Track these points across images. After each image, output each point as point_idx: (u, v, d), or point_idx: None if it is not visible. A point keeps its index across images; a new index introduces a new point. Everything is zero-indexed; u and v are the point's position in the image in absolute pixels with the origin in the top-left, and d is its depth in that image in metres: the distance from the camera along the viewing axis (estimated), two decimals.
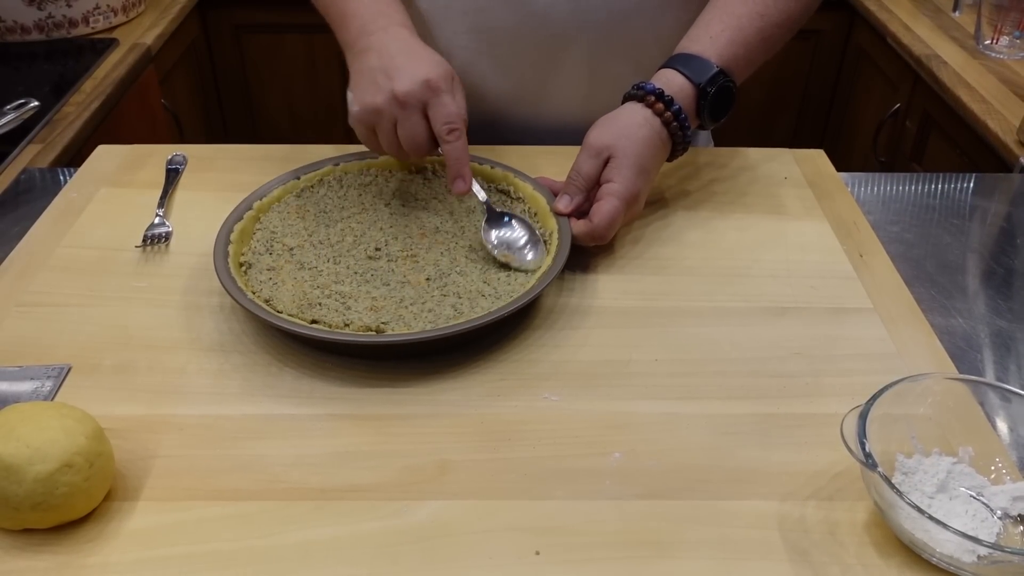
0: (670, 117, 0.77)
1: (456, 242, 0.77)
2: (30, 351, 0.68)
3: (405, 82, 0.74)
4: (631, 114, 0.77)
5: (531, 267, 0.73)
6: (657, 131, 0.77)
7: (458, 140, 0.75)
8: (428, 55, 0.78)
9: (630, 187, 0.75)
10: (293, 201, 0.80)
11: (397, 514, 0.55)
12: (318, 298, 0.69)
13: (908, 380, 0.57)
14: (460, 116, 0.75)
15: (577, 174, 0.77)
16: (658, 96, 0.77)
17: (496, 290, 0.71)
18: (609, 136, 0.76)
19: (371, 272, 0.73)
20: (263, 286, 0.71)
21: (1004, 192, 0.95)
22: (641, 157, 0.76)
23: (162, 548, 0.53)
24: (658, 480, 0.58)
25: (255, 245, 0.75)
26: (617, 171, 0.75)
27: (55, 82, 1.34)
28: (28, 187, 0.93)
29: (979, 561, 0.50)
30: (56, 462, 0.51)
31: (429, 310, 0.69)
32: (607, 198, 0.75)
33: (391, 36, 0.79)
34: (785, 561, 0.53)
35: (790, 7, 0.83)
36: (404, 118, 0.75)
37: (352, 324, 0.67)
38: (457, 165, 0.75)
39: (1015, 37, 1.47)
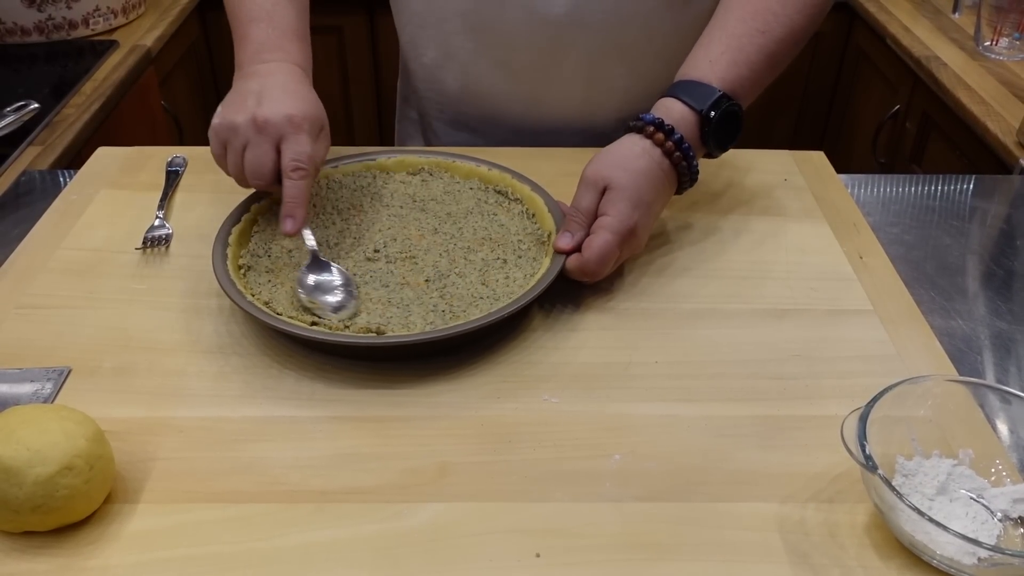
0: (671, 147, 0.73)
1: (454, 243, 0.77)
2: (30, 353, 0.68)
3: (269, 110, 0.73)
4: (629, 145, 0.74)
5: (333, 319, 0.68)
6: (657, 162, 0.73)
7: (300, 180, 0.72)
8: (305, 96, 0.76)
9: (625, 220, 0.71)
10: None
11: (397, 516, 0.55)
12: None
13: (908, 382, 0.57)
14: (311, 158, 0.73)
15: (576, 210, 0.73)
16: (657, 126, 0.74)
17: (494, 292, 0.71)
18: (605, 168, 0.73)
19: (370, 274, 0.73)
20: (262, 288, 0.71)
21: (1004, 194, 0.95)
22: (638, 189, 0.72)
23: (162, 551, 0.53)
24: (658, 482, 0.58)
25: (253, 247, 0.75)
26: (612, 204, 0.72)
27: (55, 84, 1.34)
28: (28, 189, 0.93)
29: (979, 563, 0.50)
30: (56, 465, 0.51)
31: (429, 311, 0.69)
32: (599, 232, 0.71)
33: (280, 70, 0.78)
34: (785, 563, 0.53)
35: (793, 21, 0.79)
36: (255, 144, 0.73)
37: (352, 326, 0.67)
38: (292, 204, 0.72)
39: (1015, 38, 1.47)
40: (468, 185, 0.84)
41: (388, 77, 2.00)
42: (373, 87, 2.02)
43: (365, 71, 1.99)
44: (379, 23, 1.93)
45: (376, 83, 2.02)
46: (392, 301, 0.70)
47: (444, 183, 0.84)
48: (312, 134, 0.74)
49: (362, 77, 1.99)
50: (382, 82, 2.01)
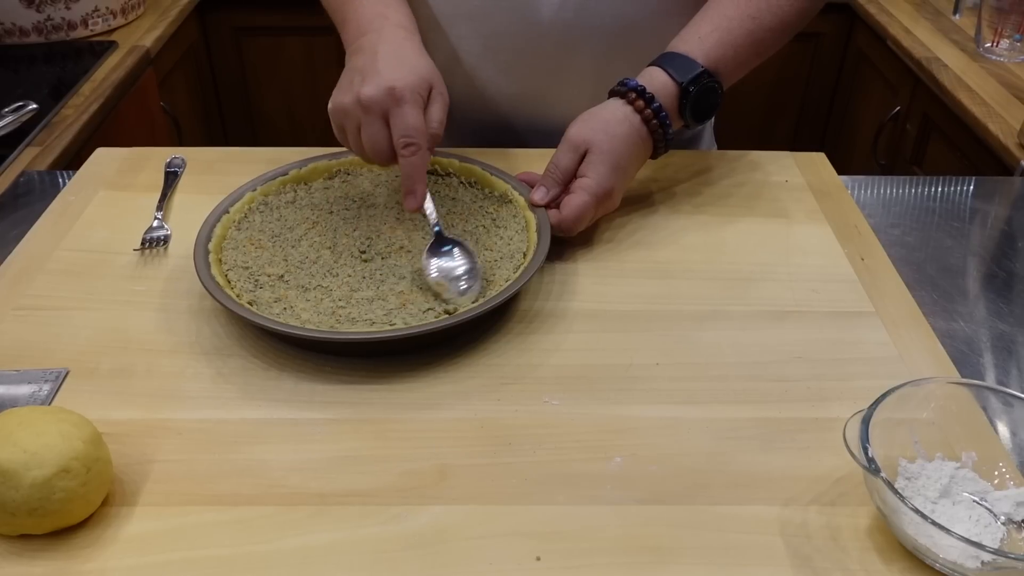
0: (650, 115, 0.77)
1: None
2: (28, 355, 0.67)
3: (371, 87, 0.72)
4: (612, 110, 0.78)
5: (461, 302, 0.69)
6: (636, 128, 0.77)
7: (413, 155, 0.72)
8: (412, 60, 0.75)
9: (603, 183, 0.76)
10: (238, 235, 0.77)
11: (397, 519, 0.55)
12: (348, 312, 0.68)
13: (910, 384, 0.57)
14: (418, 130, 0.72)
15: (555, 167, 0.77)
16: (639, 93, 0.77)
17: (503, 251, 0.75)
18: (588, 131, 0.77)
19: (379, 272, 0.73)
20: (281, 316, 0.68)
21: (1005, 195, 0.95)
22: (617, 154, 0.76)
23: (160, 554, 0.53)
24: (659, 485, 0.58)
25: (243, 284, 0.72)
26: (591, 166, 0.76)
27: (54, 85, 1.34)
28: (26, 190, 0.93)
29: (983, 567, 0.49)
30: (53, 467, 0.51)
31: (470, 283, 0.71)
32: (578, 192, 0.76)
33: (383, 38, 0.77)
34: (787, 567, 0.53)
35: (784, 11, 0.82)
36: (367, 123, 0.73)
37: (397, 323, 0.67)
38: (410, 181, 0.72)
39: (1015, 40, 1.47)
40: (393, 174, 0.85)
41: None
42: None
43: None
44: None
45: None
46: (420, 290, 0.71)
47: (369, 178, 0.85)
48: (415, 103, 0.72)
49: None
50: None
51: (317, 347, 0.67)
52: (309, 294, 0.71)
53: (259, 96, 2.01)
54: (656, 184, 0.90)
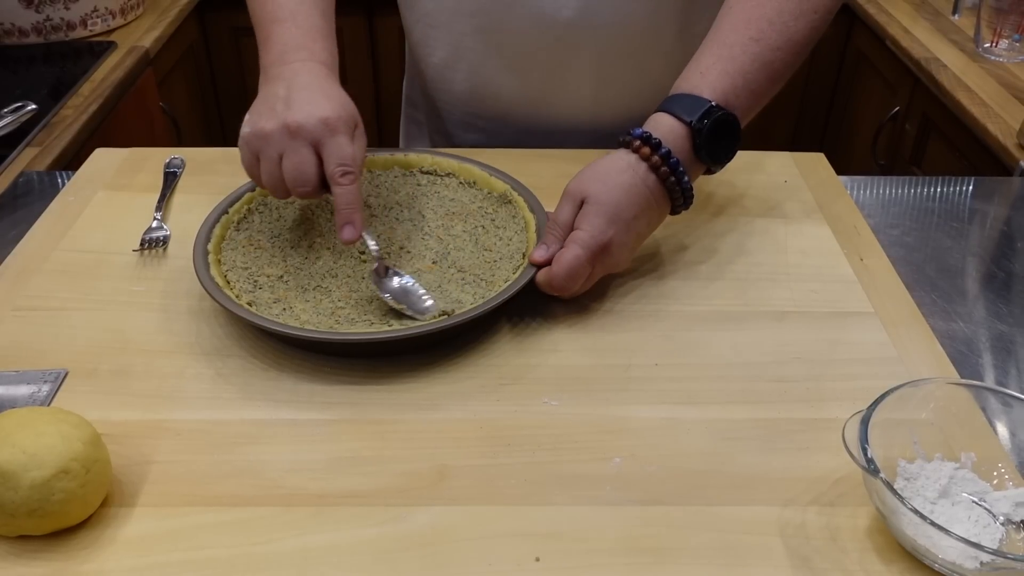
0: (658, 161, 0.70)
1: (425, 225, 0.78)
2: (27, 355, 0.67)
3: (301, 114, 0.70)
4: (614, 160, 0.72)
5: (426, 314, 0.68)
6: (642, 178, 0.70)
7: (351, 184, 0.70)
8: (336, 95, 0.73)
9: (597, 236, 0.69)
10: (237, 235, 0.77)
11: (396, 520, 0.55)
12: (347, 312, 0.69)
13: (909, 385, 0.57)
14: (355, 160, 0.70)
15: (554, 223, 0.72)
16: (644, 140, 0.71)
17: (502, 252, 0.75)
18: (585, 181, 0.71)
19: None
20: (280, 316, 0.68)
21: (1004, 195, 0.95)
22: (615, 204, 0.69)
23: (159, 555, 0.53)
24: (658, 486, 0.58)
25: (242, 284, 0.72)
26: (585, 218, 0.69)
27: (53, 85, 1.34)
28: (25, 190, 0.93)
29: (982, 567, 0.49)
30: (52, 468, 0.51)
31: (466, 285, 0.71)
32: (570, 246, 0.69)
33: (305, 70, 0.75)
34: (787, 567, 0.53)
35: (790, 29, 0.75)
36: (292, 149, 0.70)
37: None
38: (349, 211, 0.69)
39: (1014, 40, 1.47)
40: (392, 175, 0.85)
41: (387, 79, 2.00)
42: (372, 89, 2.02)
43: (364, 73, 1.99)
44: (378, 25, 1.93)
45: (375, 85, 2.02)
46: (428, 287, 0.71)
47: (367, 179, 0.85)
48: (348, 134, 0.71)
49: (361, 79, 1.99)
50: (381, 84, 2.01)
51: (316, 348, 0.67)
52: (308, 295, 0.71)
53: None
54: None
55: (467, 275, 0.73)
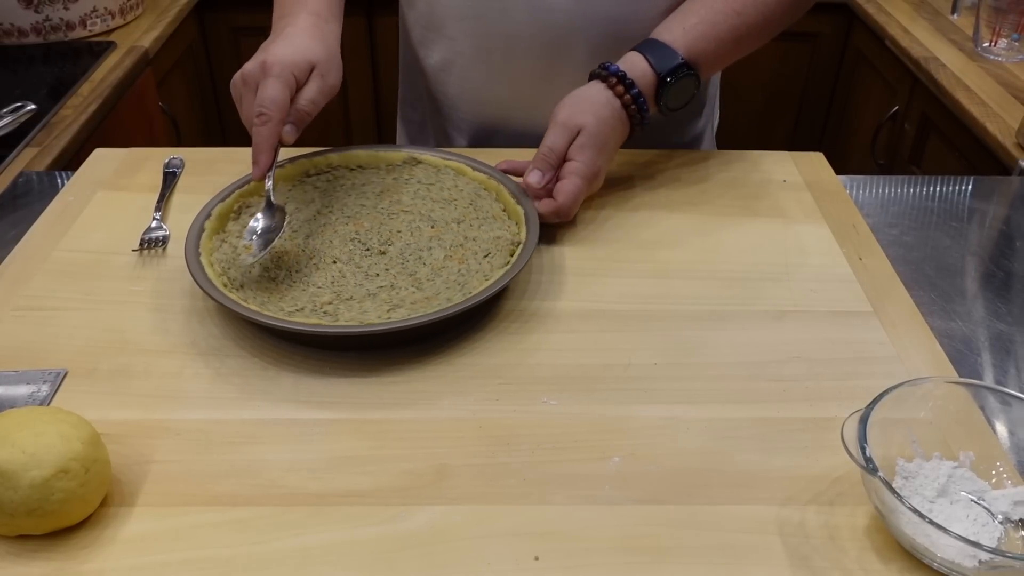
0: (629, 100, 0.79)
1: (423, 213, 0.79)
2: (26, 355, 0.67)
3: (251, 63, 0.77)
4: (596, 93, 0.80)
5: (259, 258, 0.72)
6: (617, 112, 0.80)
7: (263, 125, 0.73)
8: (301, 41, 0.78)
9: (591, 166, 0.78)
10: (234, 227, 0.78)
11: (395, 519, 0.55)
12: (336, 307, 0.69)
13: (908, 384, 0.57)
14: (274, 101, 0.73)
15: (550, 150, 0.78)
16: (620, 78, 0.79)
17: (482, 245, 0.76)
18: (579, 113, 0.79)
19: (372, 267, 0.73)
20: (268, 309, 0.69)
21: (1003, 195, 0.95)
22: (603, 136, 0.78)
23: (158, 554, 0.53)
24: (657, 485, 0.58)
25: (220, 258, 0.73)
26: (580, 150, 0.78)
27: (52, 85, 1.34)
28: (25, 190, 0.93)
29: (980, 566, 0.49)
30: (52, 468, 0.51)
31: (448, 283, 0.71)
32: (570, 177, 0.77)
33: (294, 22, 0.81)
34: (785, 566, 0.53)
35: (770, 9, 0.84)
36: (246, 95, 0.77)
37: (393, 314, 0.68)
38: (256, 151, 0.74)
39: (1013, 39, 1.47)
40: (382, 169, 0.86)
41: (387, 78, 2.00)
42: (371, 88, 2.02)
43: (363, 72, 1.99)
44: (377, 24, 1.93)
45: (375, 84, 2.02)
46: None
47: (360, 176, 0.85)
48: (281, 77, 0.74)
49: (361, 79, 1.99)
50: (380, 83, 2.01)
51: (308, 341, 0.67)
52: (298, 288, 0.71)
53: None
54: (654, 183, 0.90)
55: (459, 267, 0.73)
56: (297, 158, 0.84)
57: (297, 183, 0.84)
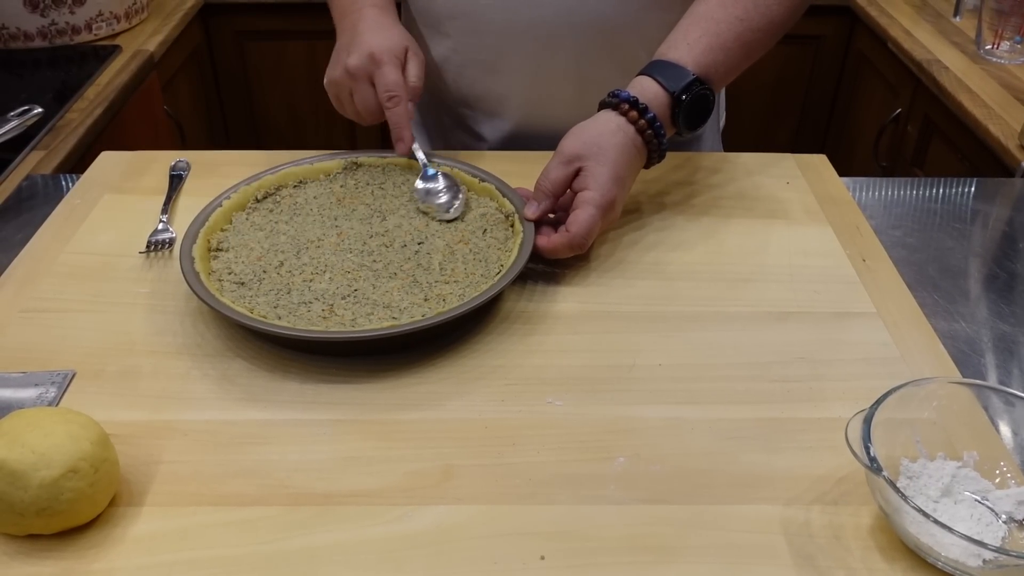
0: (644, 125, 0.76)
1: (394, 209, 0.81)
2: (34, 357, 0.68)
3: (354, 57, 0.83)
4: (605, 122, 0.77)
5: (447, 216, 0.78)
6: (631, 139, 0.76)
7: (396, 106, 0.82)
8: (385, 31, 0.85)
9: (606, 195, 0.74)
10: (234, 234, 0.78)
11: (401, 519, 0.55)
12: (338, 316, 0.69)
13: (912, 384, 0.57)
14: (398, 84, 0.82)
15: (545, 179, 0.76)
16: (632, 104, 0.76)
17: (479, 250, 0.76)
18: (581, 144, 0.76)
19: (371, 271, 0.73)
20: (238, 298, 0.70)
21: (1006, 196, 0.96)
22: (616, 164, 0.75)
23: (167, 554, 0.53)
24: (662, 485, 0.58)
25: (217, 267, 0.74)
26: (592, 179, 0.74)
27: (58, 89, 1.35)
28: (31, 194, 0.93)
29: (984, 565, 0.49)
30: (61, 468, 0.51)
31: (442, 294, 0.71)
32: (583, 206, 0.74)
33: (361, 16, 0.87)
34: (790, 566, 0.53)
35: (772, 12, 0.81)
36: (357, 89, 0.84)
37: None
38: (397, 129, 0.83)
39: (1016, 42, 1.48)
40: (375, 175, 0.86)
41: None
42: None
43: None
44: None
45: None
46: (447, 271, 0.73)
47: (339, 182, 0.85)
48: (393, 63, 0.83)
49: None
50: None
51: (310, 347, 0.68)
52: (297, 294, 0.71)
53: (262, 99, 2.01)
54: (659, 185, 0.90)
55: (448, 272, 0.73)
56: (238, 186, 0.82)
57: (250, 210, 0.81)
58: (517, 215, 0.76)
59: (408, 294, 0.70)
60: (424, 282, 0.71)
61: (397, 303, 0.69)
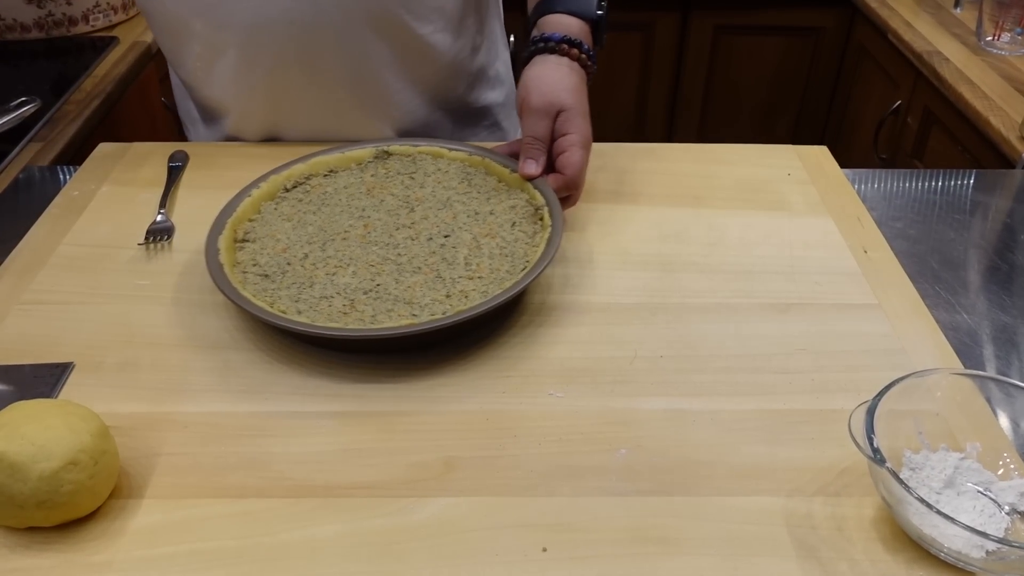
0: (585, 58, 0.81)
1: (422, 201, 0.80)
2: (33, 349, 0.67)
3: None
4: (556, 67, 0.80)
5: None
6: (579, 73, 0.81)
7: None
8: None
9: (586, 133, 0.79)
10: (273, 212, 0.78)
11: (403, 511, 0.55)
12: (357, 313, 0.68)
13: (914, 376, 0.57)
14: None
15: (534, 139, 0.79)
16: (569, 42, 0.81)
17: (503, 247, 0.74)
18: (551, 94, 0.79)
19: (390, 268, 0.72)
20: (259, 291, 0.69)
21: (1006, 188, 0.95)
22: (581, 102, 0.80)
23: (167, 546, 0.53)
24: (664, 476, 0.58)
25: (243, 258, 0.73)
26: (571, 123, 0.78)
27: (55, 80, 1.34)
28: (29, 185, 0.93)
29: (987, 556, 0.49)
30: (61, 460, 0.51)
31: (462, 285, 0.70)
32: (571, 149, 0.78)
33: None
34: (792, 557, 0.53)
35: None
36: None
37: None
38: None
39: (1016, 33, 1.47)
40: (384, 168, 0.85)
41: None
42: None
43: None
44: None
45: None
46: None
47: (344, 177, 0.84)
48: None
49: None
50: None
51: (325, 344, 0.67)
52: (319, 288, 0.70)
53: None
54: (659, 177, 0.90)
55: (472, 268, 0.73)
56: (268, 175, 0.81)
57: (279, 200, 0.81)
58: (548, 208, 0.76)
59: (430, 290, 0.69)
60: (448, 277, 0.71)
61: (418, 299, 0.68)
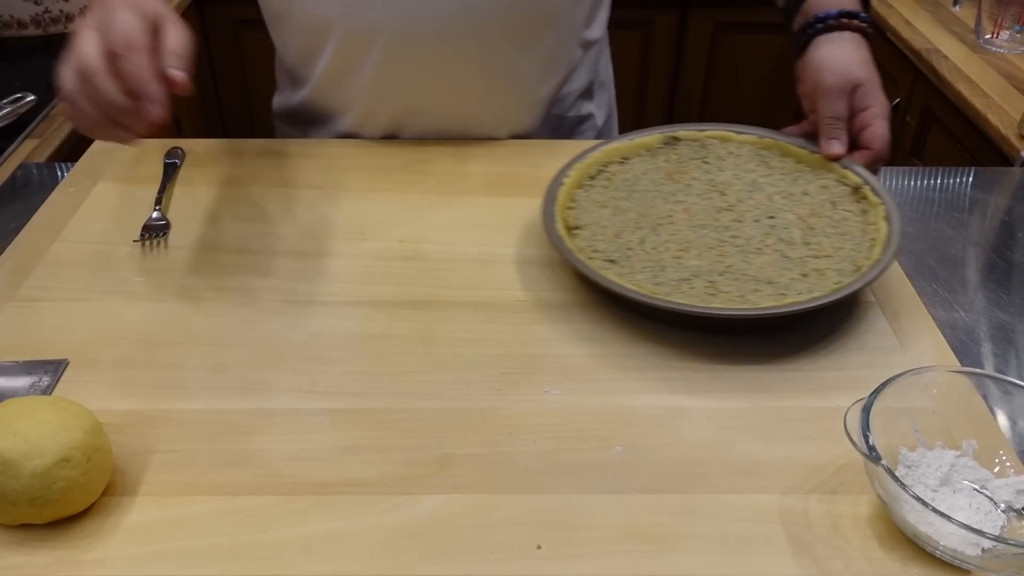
0: (866, 27, 0.81)
1: (729, 183, 0.80)
2: (27, 346, 0.67)
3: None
4: (842, 42, 0.81)
5: None
6: (864, 44, 0.81)
7: None
8: None
9: (885, 104, 0.80)
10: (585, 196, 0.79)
11: (398, 508, 0.55)
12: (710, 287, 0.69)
13: (911, 373, 0.57)
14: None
15: (834, 119, 0.80)
16: (847, 16, 0.81)
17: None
18: (844, 72, 0.79)
19: (772, 234, 0.73)
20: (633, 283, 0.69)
21: (1005, 186, 0.95)
22: (874, 73, 0.80)
23: (161, 543, 0.53)
24: (660, 474, 0.58)
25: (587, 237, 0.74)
26: (871, 96, 0.79)
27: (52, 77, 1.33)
28: (25, 182, 0.93)
29: (983, 554, 0.49)
30: (54, 457, 0.51)
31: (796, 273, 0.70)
32: (876, 122, 0.79)
33: None
34: (788, 555, 0.53)
35: None
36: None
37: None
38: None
39: (1015, 31, 1.47)
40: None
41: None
42: None
43: None
44: None
45: None
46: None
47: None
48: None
49: None
50: None
51: (724, 328, 0.68)
52: (672, 271, 0.71)
53: (258, 88, 2.00)
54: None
55: None
56: (572, 163, 0.81)
57: (587, 188, 0.81)
58: (869, 186, 0.76)
59: (784, 269, 0.69)
60: (795, 257, 0.71)
61: (775, 279, 0.68)
